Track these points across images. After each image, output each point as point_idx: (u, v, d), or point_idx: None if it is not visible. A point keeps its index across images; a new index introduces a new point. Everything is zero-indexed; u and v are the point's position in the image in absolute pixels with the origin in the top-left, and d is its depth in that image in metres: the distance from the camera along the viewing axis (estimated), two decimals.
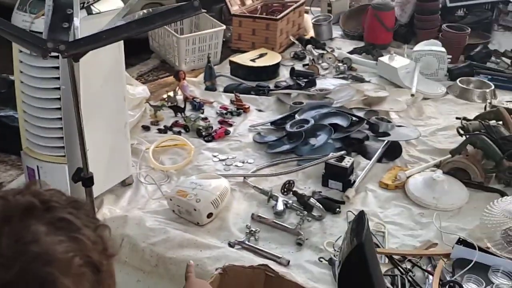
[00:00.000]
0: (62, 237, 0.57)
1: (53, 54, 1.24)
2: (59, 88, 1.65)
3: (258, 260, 1.61)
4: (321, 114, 2.43)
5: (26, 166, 1.83)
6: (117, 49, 1.78)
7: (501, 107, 2.32)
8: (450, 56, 3.17)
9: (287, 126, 2.37)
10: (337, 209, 1.89)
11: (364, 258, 0.73)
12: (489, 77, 3.06)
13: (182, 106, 2.60)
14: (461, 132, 2.10)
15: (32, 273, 0.53)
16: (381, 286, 0.86)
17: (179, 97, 2.71)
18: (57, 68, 1.63)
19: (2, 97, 2.37)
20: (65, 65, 1.54)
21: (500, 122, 2.24)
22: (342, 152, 2.08)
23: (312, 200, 1.87)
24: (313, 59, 3.32)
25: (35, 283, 0.53)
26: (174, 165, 2.19)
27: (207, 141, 2.37)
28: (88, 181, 1.35)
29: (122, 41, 1.76)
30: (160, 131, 2.46)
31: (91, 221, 0.62)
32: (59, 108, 1.69)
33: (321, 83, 2.98)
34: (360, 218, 0.83)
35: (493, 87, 2.91)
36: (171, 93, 2.69)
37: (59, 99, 1.67)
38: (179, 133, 2.43)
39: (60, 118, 1.70)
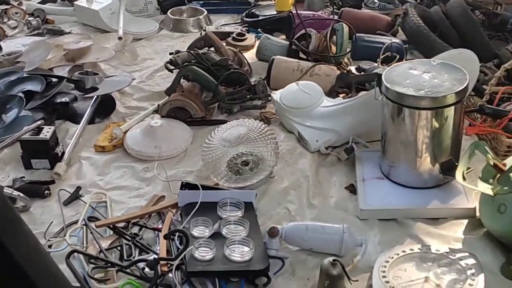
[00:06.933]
0: None
1: None
2: None
3: None
4: (7, 83, 2.26)
5: None
6: None
7: (209, 32, 2.48)
8: None
9: None
10: (46, 192, 1.81)
11: None
12: (201, 2, 3.26)
13: None
14: (170, 67, 2.18)
15: None
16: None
17: None
18: None
19: None
20: None
21: (212, 48, 2.40)
22: (38, 123, 1.97)
23: (7, 190, 1.74)
24: None
25: None
26: None
27: None
28: None
29: None
30: None
31: None
32: None
33: (9, 46, 2.78)
34: None
35: (206, 12, 3.10)
36: None
37: None
38: None
39: None
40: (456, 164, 1.61)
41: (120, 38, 2.78)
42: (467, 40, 2.50)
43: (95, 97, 2.26)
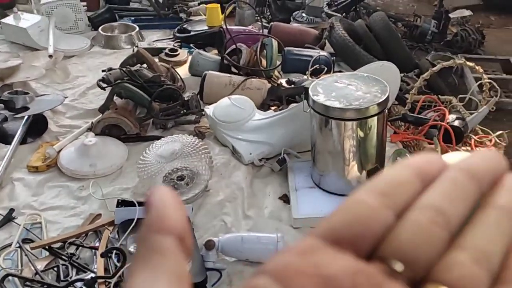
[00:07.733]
0: None
1: None
2: None
3: None
4: None
5: None
6: None
7: (141, 49, 2.50)
8: (85, 3, 3.24)
9: None
10: None
11: None
12: (133, 18, 3.26)
13: None
14: (103, 85, 2.19)
15: None
16: None
17: None
18: None
19: None
20: None
21: (145, 65, 2.42)
22: None
23: None
24: None
25: None
26: None
27: None
28: None
29: None
30: None
31: None
32: None
33: None
34: None
35: (137, 29, 3.11)
36: None
37: None
38: None
39: None
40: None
41: (50, 56, 2.75)
42: (389, 52, 2.63)
43: (26, 117, 2.22)
